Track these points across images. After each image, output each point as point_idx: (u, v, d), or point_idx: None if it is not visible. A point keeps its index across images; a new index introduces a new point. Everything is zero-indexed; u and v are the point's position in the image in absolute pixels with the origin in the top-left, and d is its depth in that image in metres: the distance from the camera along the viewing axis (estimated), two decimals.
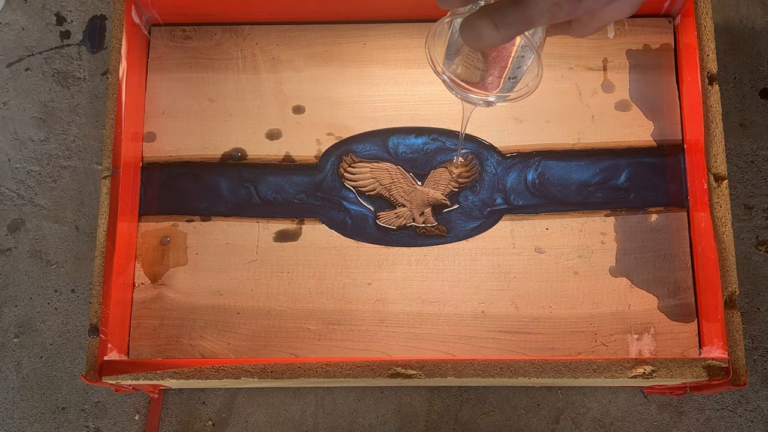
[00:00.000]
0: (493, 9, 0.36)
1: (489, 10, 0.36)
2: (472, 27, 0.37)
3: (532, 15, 0.36)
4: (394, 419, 0.64)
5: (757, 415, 0.63)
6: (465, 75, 0.45)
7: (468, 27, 0.37)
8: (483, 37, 0.37)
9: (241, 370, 0.54)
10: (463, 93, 0.46)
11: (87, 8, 0.74)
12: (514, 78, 0.45)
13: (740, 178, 0.68)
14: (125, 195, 0.60)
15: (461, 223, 0.61)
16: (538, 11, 0.36)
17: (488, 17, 0.36)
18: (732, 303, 0.55)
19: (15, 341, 0.67)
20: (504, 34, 0.36)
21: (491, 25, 0.36)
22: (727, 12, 0.71)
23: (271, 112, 0.64)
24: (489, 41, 0.37)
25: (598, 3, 0.37)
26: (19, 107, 0.72)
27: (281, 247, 0.62)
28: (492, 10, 0.36)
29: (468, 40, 0.37)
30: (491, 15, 0.36)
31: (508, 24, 0.36)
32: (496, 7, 0.36)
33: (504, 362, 0.54)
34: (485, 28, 0.36)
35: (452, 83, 0.45)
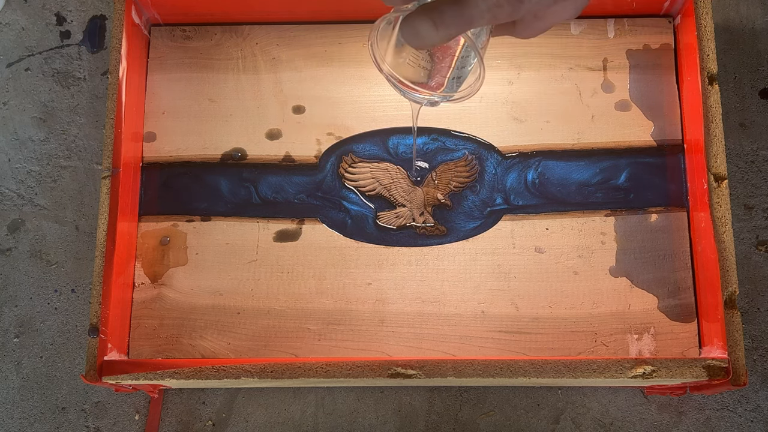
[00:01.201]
0: (433, 8, 0.36)
1: (428, 9, 0.36)
2: (412, 25, 0.36)
3: (472, 15, 0.35)
4: (394, 419, 0.64)
5: (757, 415, 0.63)
6: (410, 73, 0.44)
7: (407, 25, 0.36)
8: (422, 36, 0.36)
9: (241, 370, 0.54)
10: (406, 92, 0.46)
11: (87, 8, 0.74)
12: (458, 78, 0.44)
13: (740, 178, 0.68)
14: (125, 195, 0.60)
15: (461, 223, 0.61)
16: (478, 11, 0.35)
17: (427, 16, 0.36)
18: (732, 303, 0.55)
19: (15, 341, 0.67)
20: (443, 33, 0.36)
21: (430, 23, 0.36)
22: (727, 12, 0.71)
23: (271, 112, 0.64)
24: (428, 40, 0.36)
25: (540, 4, 0.36)
26: (19, 107, 0.72)
27: (281, 247, 0.62)
28: (431, 9, 0.36)
29: (407, 38, 0.37)
30: (430, 14, 0.36)
31: (447, 23, 0.36)
32: (435, 6, 0.36)
33: (504, 362, 0.54)
34: (424, 27, 0.36)
35: (396, 82, 0.45)
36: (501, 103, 0.64)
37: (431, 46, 0.37)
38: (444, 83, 0.45)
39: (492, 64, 0.64)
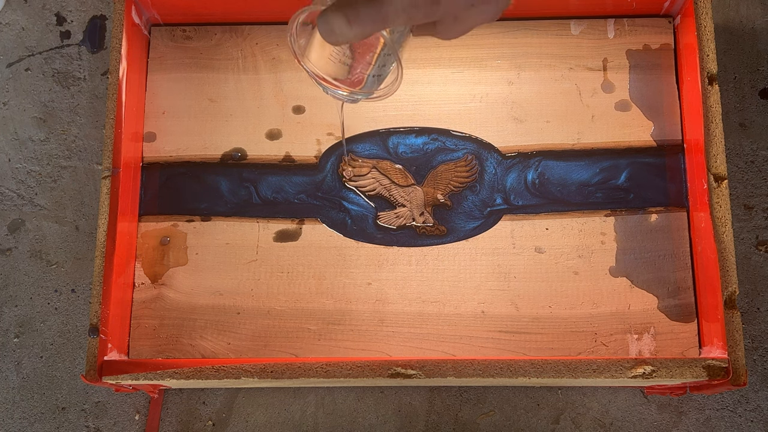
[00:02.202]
0: (348, 4, 0.36)
1: (343, 5, 0.36)
2: (327, 21, 0.36)
3: (387, 14, 0.35)
4: (394, 419, 0.64)
5: (757, 415, 0.63)
6: (330, 69, 0.44)
7: (323, 20, 0.36)
8: (335, 33, 0.36)
9: (241, 370, 0.54)
10: (326, 87, 0.46)
11: (87, 8, 0.74)
12: (378, 76, 0.44)
13: (740, 178, 0.68)
14: (125, 195, 0.60)
15: (461, 223, 0.61)
16: (393, 10, 0.35)
17: (342, 12, 0.36)
18: (732, 303, 0.55)
19: (15, 341, 0.67)
20: (357, 30, 0.36)
21: (344, 20, 0.35)
22: (727, 12, 0.71)
23: (271, 112, 0.64)
24: (342, 37, 0.36)
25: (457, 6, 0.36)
26: (19, 107, 0.72)
27: (281, 247, 0.62)
28: (346, 5, 0.36)
29: (323, 34, 0.37)
30: (345, 10, 0.35)
31: (361, 21, 0.35)
32: (351, 3, 0.36)
33: (504, 362, 0.54)
34: (338, 23, 0.36)
35: (315, 77, 0.45)
36: (501, 103, 0.64)
37: (346, 42, 0.37)
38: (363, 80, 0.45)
39: (492, 64, 0.64)
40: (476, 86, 0.64)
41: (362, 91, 0.45)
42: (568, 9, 0.64)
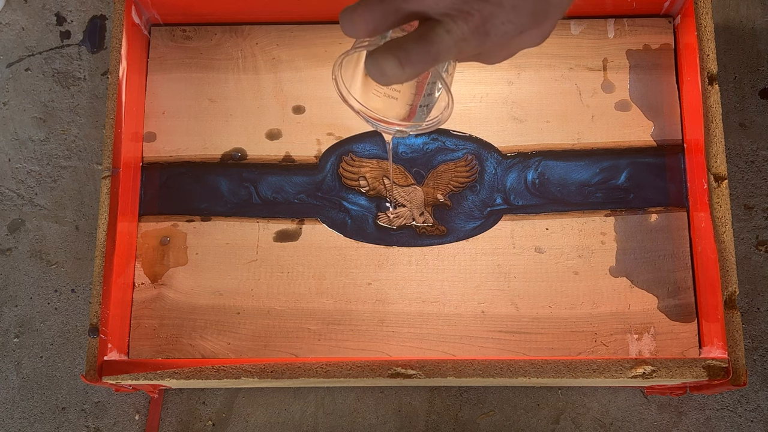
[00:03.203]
0: (398, 46, 0.35)
1: (393, 47, 0.35)
2: (376, 63, 0.35)
3: (438, 51, 0.34)
4: (394, 419, 0.64)
5: (757, 415, 0.63)
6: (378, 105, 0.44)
7: (372, 63, 0.35)
8: (387, 75, 0.35)
9: (241, 370, 0.54)
10: (376, 124, 0.45)
11: (87, 8, 0.74)
12: (426, 106, 0.44)
13: (740, 178, 0.68)
14: (125, 195, 0.60)
15: (461, 223, 0.61)
16: (444, 47, 0.34)
17: (392, 54, 0.35)
18: (732, 303, 0.55)
19: (15, 341, 0.67)
20: (409, 71, 0.35)
21: (395, 62, 0.34)
22: (727, 12, 0.71)
23: (271, 112, 0.64)
24: (394, 79, 0.35)
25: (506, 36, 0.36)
26: (19, 107, 0.72)
27: (281, 247, 0.62)
28: (396, 47, 0.35)
29: (373, 76, 0.36)
30: (395, 52, 0.34)
31: (413, 62, 0.34)
32: (400, 44, 0.35)
33: (504, 362, 0.54)
34: (389, 66, 0.35)
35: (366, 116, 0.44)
36: (501, 103, 0.64)
37: (398, 83, 0.37)
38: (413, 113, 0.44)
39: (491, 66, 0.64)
40: (476, 86, 0.64)
41: (414, 124, 0.44)
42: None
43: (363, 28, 0.36)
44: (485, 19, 0.34)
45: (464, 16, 0.34)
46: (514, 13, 0.35)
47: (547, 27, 0.37)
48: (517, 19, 0.35)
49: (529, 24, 0.36)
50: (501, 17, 0.35)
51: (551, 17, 0.36)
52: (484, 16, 0.34)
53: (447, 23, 0.34)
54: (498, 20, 0.35)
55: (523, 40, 0.37)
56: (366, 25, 0.35)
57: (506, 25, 0.35)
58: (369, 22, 0.35)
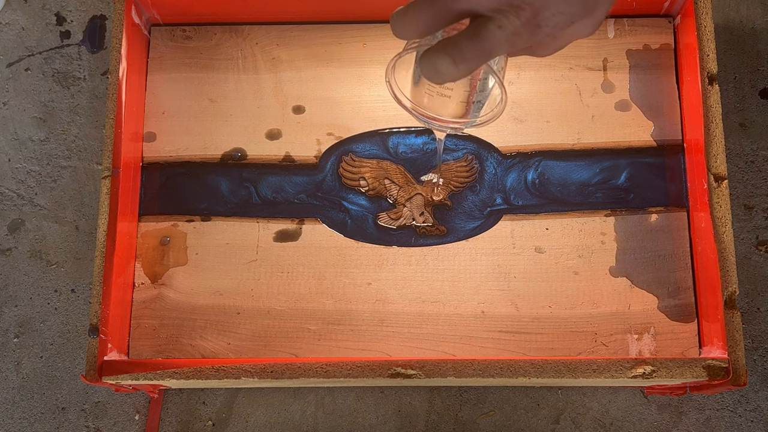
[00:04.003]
0: (451, 44, 0.35)
1: (446, 45, 0.35)
2: (431, 62, 0.35)
3: (491, 47, 0.35)
4: (394, 419, 0.64)
5: (757, 415, 0.63)
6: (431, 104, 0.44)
7: (426, 62, 0.35)
8: (442, 73, 0.35)
9: (241, 370, 0.54)
10: (431, 123, 0.45)
11: (87, 8, 0.74)
12: (479, 102, 0.44)
13: (740, 178, 0.68)
14: (125, 195, 0.60)
15: (461, 223, 0.61)
16: (497, 42, 0.35)
17: (446, 53, 0.35)
18: (732, 303, 0.55)
19: (15, 341, 0.67)
20: (463, 68, 0.35)
21: (449, 60, 0.35)
22: (727, 12, 0.71)
23: (271, 112, 0.64)
24: (448, 77, 0.36)
25: (557, 27, 0.36)
26: (19, 107, 0.72)
27: (281, 247, 0.62)
28: (449, 45, 0.35)
29: (428, 76, 0.36)
30: (449, 50, 0.35)
31: (467, 59, 0.35)
32: (453, 42, 0.35)
33: (504, 362, 0.54)
34: (443, 64, 0.35)
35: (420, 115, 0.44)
36: None
37: (452, 81, 0.37)
38: (467, 109, 0.44)
39: None
40: None
41: (469, 120, 0.44)
42: None
43: (414, 30, 0.36)
44: (536, 12, 0.35)
45: (515, 11, 0.34)
46: (564, 4, 0.35)
47: (598, 16, 0.37)
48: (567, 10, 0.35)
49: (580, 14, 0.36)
50: (551, 9, 0.35)
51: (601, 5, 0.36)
52: (535, 9, 0.34)
53: (498, 19, 0.34)
54: (549, 12, 0.35)
55: (574, 30, 0.37)
56: (417, 27, 0.36)
57: (557, 16, 0.35)
58: (420, 23, 0.35)
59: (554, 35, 0.36)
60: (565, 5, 0.35)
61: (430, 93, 0.43)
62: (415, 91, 0.44)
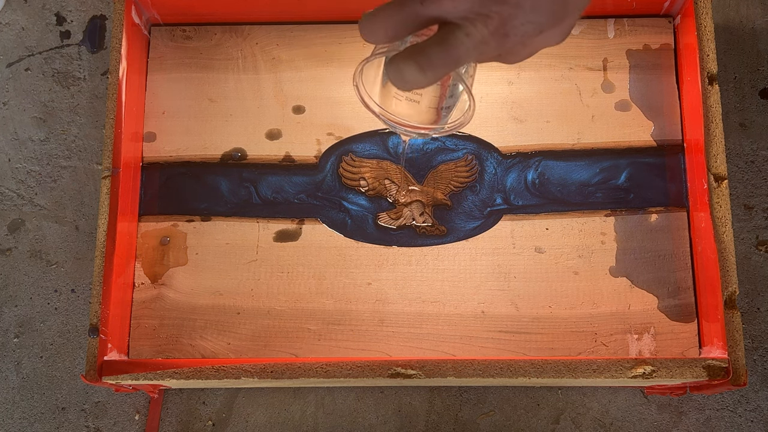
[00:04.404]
0: (418, 51, 0.34)
1: (414, 52, 0.35)
2: (397, 68, 0.35)
3: (459, 55, 0.34)
4: (394, 419, 0.64)
5: (757, 415, 0.63)
6: (400, 108, 0.44)
7: (393, 68, 0.35)
8: (408, 80, 0.35)
9: (241, 370, 0.54)
10: (398, 127, 0.45)
11: (87, 8, 0.74)
12: (448, 108, 0.44)
13: (740, 178, 0.68)
14: (125, 195, 0.60)
15: (461, 223, 0.61)
16: (464, 50, 0.34)
17: (413, 59, 0.34)
18: (732, 303, 0.55)
19: (15, 341, 0.67)
20: (430, 76, 0.35)
21: (416, 67, 0.34)
22: (727, 12, 0.71)
23: (271, 112, 0.64)
24: (415, 84, 0.35)
25: (526, 36, 0.35)
26: (19, 107, 0.72)
27: (281, 247, 0.62)
28: (417, 52, 0.34)
29: (394, 82, 0.36)
30: (416, 57, 0.34)
31: (433, 66, 0.34)
32: (420, 49, 0.34)
33: (504, 362, 0.54)
34: (410, 71, 0.35)
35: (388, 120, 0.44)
36: (501, 103, 0.64)
37: (419, 88, 0.36)
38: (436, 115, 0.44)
39: (492, 65, 0.64)
40: (476, 86, 0.64)
41: (436, 126, 0.44)
42: None
43: (383, 34, 0.36)
44: (504, 21, 0.34)
45: (483, 19, 0.34)
46: (533, 14, 0.34)
47: (566, 25, 0.37)
48: (536, 19, 0.35)
49: (549, 23, 0.35)
50: (520, 18, 0.34)
51: (570, 15, 0.36)
52: (503, 17, 0.34)
53: (466, 26, 0.34)
54: (517, 21, 0.34)
55: (543, 39, 0.37)
56: (386, 31, 0.35)
57: (526, 25, 0.35)
58: (389, 28, 0.35)
59: (523, 43, 0.36)
60: (534, 15, 0.35)
61: (398, 97, 0.43)
62: (383, 95, 0.44)
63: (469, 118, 0.43)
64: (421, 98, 0.43)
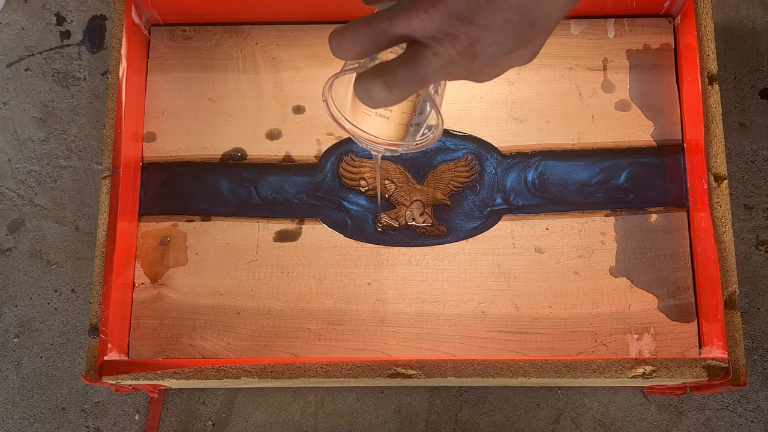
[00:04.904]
0: (385, 69, 0.35)
1: (381, 71, 0.35)
2: (365, 87, 0.35)
3: (426, 74, 0.34)
4: (394, 419, 0.64)
5: (757, 415, 0.63)
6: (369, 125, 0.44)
7: (361, 86, 0.35)
8: (375, 98, 0.35)
9: (241, 370, 0.54)
10: (368, 143, 0.45)
11: (87, 8, 0.74)
12: (417, 125, 0.44)
13: (740, 178, 0.68)
14: (125, 195, 0.60)
15: (461, 223, 0.61)
16: (432, 70, 0.34)
17: (380, 78, 0.35)
18: (732, 303, 0.55)
19: (15, 341, 0.67)
20: (397, 95, 0.35)
21: (383, 85, 0.34)
22: (727, 12, 0.71)
23: (271, 112, 0.64)
24: (382, 102, 0.35)
25: (494, 58, 0.35)
26: (19, 107, 0.72)
27: (281, 247, 0.62)
28: (384, 71, 0.35)
29: (362, 99, 0.36)
30: (383, 76, 0.34)
31: (400, 85, 0.34)
32: (387, 68, 0.34)
33: (504, 362, 0.54)
34: (377, 89, 0.35)
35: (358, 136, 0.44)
36: (501, 103, 0.64)
37: (386, 106, 0.36)
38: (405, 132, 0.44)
39: None
40: (476, 86, 0.64)
41: (404, 143, 0.44)
42: None
43: (351, 51, 0.35)
44: (472, 42, 0.34)
45: (451, 39, 0.34)
46: (501, 35, 0.34)
47: (536, 45, 0.37)
48: (504, 41, 0.35)
49: (517, 44, 0.35)
50: (488, 39, 0.34)
51: (538, 36, 0.36)
52: (471, 38, 0.34)
53: (434, 46, 0.34)
54: (485, 42, 0.34)
55: (512, 59, 0.36)
56: (354, 48, 0.35)
57: (494, 47, 0.35)
58: (357, 44, 0.35)
59: (492, 64, 0.36)
60: (502, 35, 0.34)
61: (368, 113, 0.43)
62: (353, 111, 0.44)
63: (437, 136, 0.43)
64: (390, 114, 0.43)
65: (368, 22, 0.35)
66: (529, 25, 0.35)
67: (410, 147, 0.45)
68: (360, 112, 0.44)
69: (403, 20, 0.34)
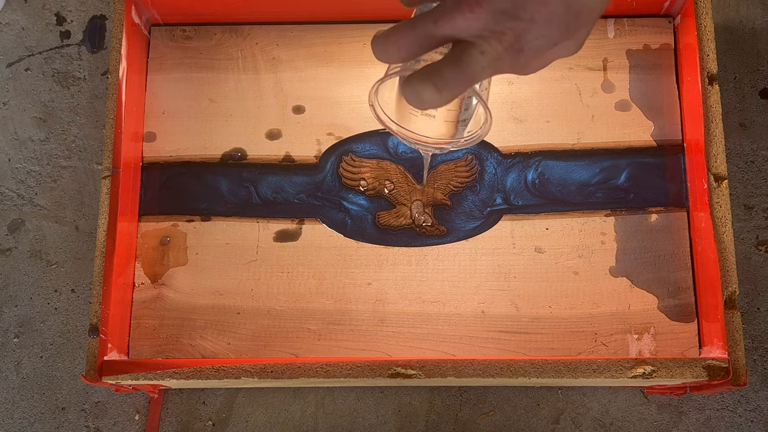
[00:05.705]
0: (433, 71, 0.34)
1: (429, 72, 0.34)
2: (413, 89, 0.35)
3: (474, 73, 0.34)
4: (394, 419, 0.64)
5: (757, 415, 0.63)
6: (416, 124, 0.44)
7: (409, 89, 0.35)
8: (425, 100, 0.35)
9: (241, 370, 0.54)
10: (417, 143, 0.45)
11: (87, 8, 0.74)
12: (464, 121, 0.44)
13: (740, 178, 0.68)
14: (125, 195, 0.60)
15: (461, 223, 0.61)
16: (479, 68, 0.34)
17: (429, 80, 0.34)
18: (732, 303, 0.55)
19: (15, 341, 0.67)
20: (446, 95, 0.35)
21: (432, 87, 0.34)
22: (727, 12, 0.71)
23: (271, 112, 0.64)
24: (432, 103, 0.35)
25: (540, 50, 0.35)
26: (19, 107, 0.72)
27: (281, 247, 0.62)
28: (432, 72, 0.34)
29: (410, 102, 0.36)
30: (431, 77, 0.34)
31: (449, 85, 0.34)
32: (435, 69, 0.34)
33: (504, 362, 0.54)
34: (426, 91, 0.35)
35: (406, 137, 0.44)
36: (501, 103, 0.64)
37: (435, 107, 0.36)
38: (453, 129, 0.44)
39: None
40: None
41: (453, 140, 0.44)
42: None
43: (396, 55, 0.35)
44: (518, 37, 0.34)
45: (497, 36, 0.34)
46: (546, 28, 0.34)
47: (581, 36, 0.37)
48: (549, 33, 0.35)
49: (563, 36, 0.35)
50: (534, 33, 0.34)
51: (583, 27, 0.36)
52: (517, 33, 0.34)
53: (480, 44, 0.34)
54: (531, 36, 0.34)
55: (557, 51, 0.36)
56: (399, 52, 0.35)
57: (539, 39, 0.35)
58: (402, 48, 0.35)
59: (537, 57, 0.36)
60: (548, 28, 0.34)
61: (414, 114, 0.43)
62: (399, 112, 0.44)
63: (486, 131, 0.43)
64: (436, 113, 0.43)
65: (412, 25, 0.35)
66: (574, 16, 0.35)
67: (459, 143, 0.45)
68: (406, 113, 0.44)
69: (448, 21, 0.34)
